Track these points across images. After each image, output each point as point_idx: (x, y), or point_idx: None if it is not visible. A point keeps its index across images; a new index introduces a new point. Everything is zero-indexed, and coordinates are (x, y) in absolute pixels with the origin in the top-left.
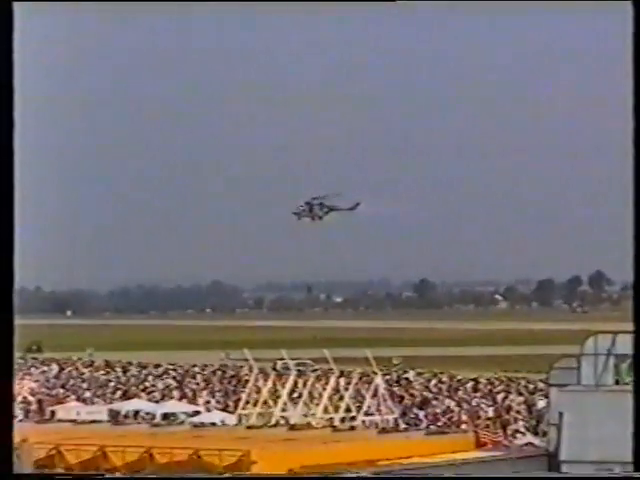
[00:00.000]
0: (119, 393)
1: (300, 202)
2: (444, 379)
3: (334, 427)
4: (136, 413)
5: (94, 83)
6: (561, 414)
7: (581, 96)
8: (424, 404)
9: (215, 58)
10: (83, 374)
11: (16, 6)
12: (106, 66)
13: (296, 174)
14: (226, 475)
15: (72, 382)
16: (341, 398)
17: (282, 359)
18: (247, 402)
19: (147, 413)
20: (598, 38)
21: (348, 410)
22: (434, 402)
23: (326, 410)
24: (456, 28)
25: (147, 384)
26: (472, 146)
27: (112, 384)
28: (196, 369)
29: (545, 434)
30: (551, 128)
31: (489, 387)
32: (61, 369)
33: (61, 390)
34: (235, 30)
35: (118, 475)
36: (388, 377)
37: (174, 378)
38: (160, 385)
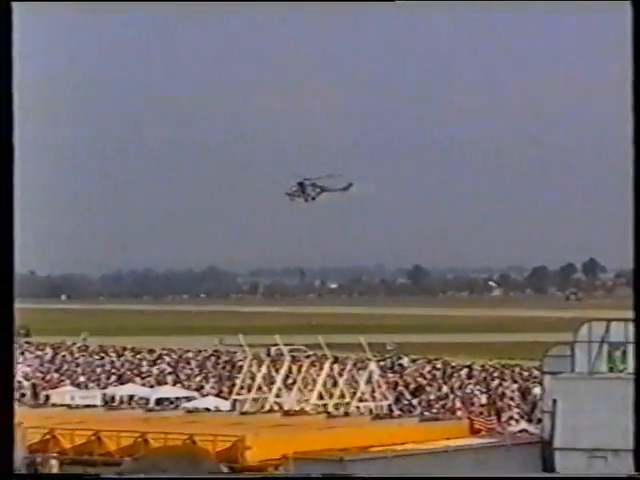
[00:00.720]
0: (113, 378)
1: (293, 183)
2: (438, 365)
3: (328, 413)
4: (130, 398)
5: (92, 81)
6: (555, 401)
7: (579, 93)
8: (418, 390)
9: (211, 47)
10: (77, 359)
11: (15, 6)
12: (104, 64)
13: (289, 156)
14: (226, 475)
15: (66, 366)
16: (335, 384)
17: (276, 345)
18: (241, 388)
19: (141, 398)
20: (597, 38)
21: (342, 396)
22: (428, 388)
23: (320, 396)
24: (453, 25)
25: (141, 369)
26: (467, 133)
27: (106, 369)
28: (190, 354)
29: (539, 421)
30: (547, 119)
31: (483, 374)
32: (55, 353)
33: (55, 374)
34: (232, 21)
35: (117, 475)
36: (382, 363)
37: (168, 363)
38: (154, 370)
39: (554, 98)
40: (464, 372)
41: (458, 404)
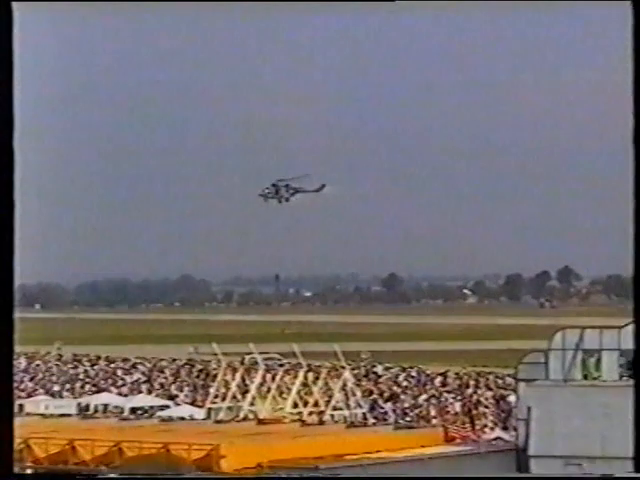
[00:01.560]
0: (88, 387)
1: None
2: (413, 374)
3: (303, 421)
4: (105, 407)
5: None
6: (529, 409)
7: (577, 96)
8: (392, 398)
9: (185, 50)
10: (51, 368)
11: (15, 6)
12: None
13: (266, 164)
14: (226, 475)
15: (40, 376)
16: (309, 392)
17: (250, 353)
18: (216, 396)
19: (116, 407)
20: (597, 38)
21: (316, 404)
22: (403, 397)
23: (295, 404)
24: (449, 24)
25: (116, 378)
26: (444, 140)
27: (80, 378)
28: (164, 363)
29: (514, 429)
30: (529, 127)
31: (458, 382)
32: (29, 363)
33: (29, 384)
34: (214, 24)
35: (115, 475)
36: (357, 371)
37: (143, 372)
38: (129, 379)
39: (547, 106)
40: (438, 380)
41: (433, 412)
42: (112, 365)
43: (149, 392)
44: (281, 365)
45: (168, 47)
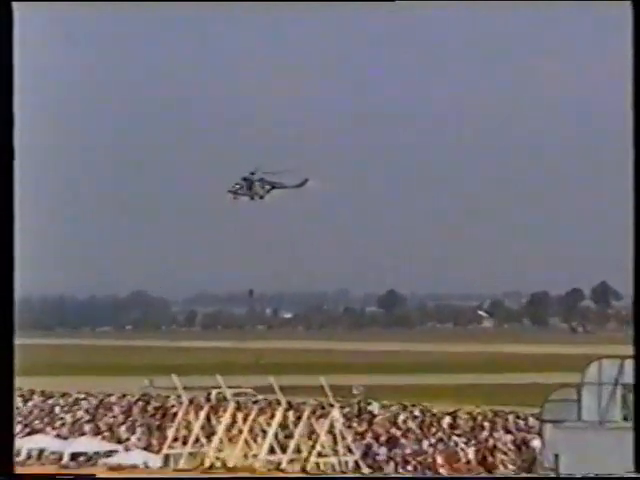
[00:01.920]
0: (19, 427)
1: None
2: (416, 413)
3: (281, 471)
4: (40, 452)
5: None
6: (557, 456)
7: (578, 99)
8: (391, 443)
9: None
10: None
11: (15, 6)
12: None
13: (241, 156)
14: (228, 475)
15: None
16: (290, 435)
17: (218, 387)
18: (175, 440)
19: (53, 452)
20: (598, 38)
21: (298, 450)
22: (403, 441)
23: (271, 450)
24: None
25: (53, 417)
26: (456, 140)
27: None
28: (113, 399)
29: None
30: (548, 129)
31: (470, 423)
32: None
33: None
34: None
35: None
36: (347, 410)
37: (86, 410)
38: (69, 418)
39: (556, 111)
40: (447, 421)
41: (440, 459)
42: (49, 401)
43: (94, 434)
44: (255, 402)
45: (164, 45)
